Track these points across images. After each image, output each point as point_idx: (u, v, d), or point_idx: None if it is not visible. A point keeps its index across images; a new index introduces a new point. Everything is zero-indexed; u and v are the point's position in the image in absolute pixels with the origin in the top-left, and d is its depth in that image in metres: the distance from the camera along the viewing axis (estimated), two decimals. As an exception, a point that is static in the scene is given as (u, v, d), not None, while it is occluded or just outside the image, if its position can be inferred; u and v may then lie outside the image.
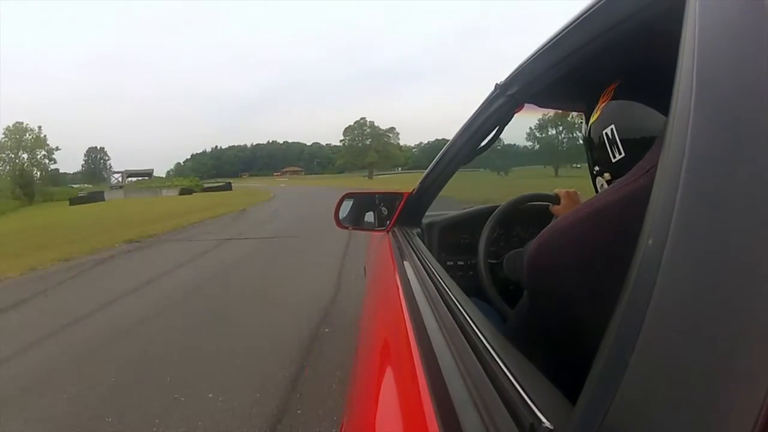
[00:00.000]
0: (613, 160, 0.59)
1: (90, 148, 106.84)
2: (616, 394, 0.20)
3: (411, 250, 0.99)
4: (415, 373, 0.45)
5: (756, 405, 0.15)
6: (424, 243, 1.16)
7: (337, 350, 2.41)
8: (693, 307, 0.19)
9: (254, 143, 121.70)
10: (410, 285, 0.73)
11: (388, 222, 1.36)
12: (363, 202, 1.48)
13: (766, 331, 0.16)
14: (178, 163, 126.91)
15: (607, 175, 0.61)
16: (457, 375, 0.39)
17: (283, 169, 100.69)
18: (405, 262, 0.90)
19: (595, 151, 0.63)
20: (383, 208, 1.41)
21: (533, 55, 0.71)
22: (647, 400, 0.18)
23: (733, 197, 0.20)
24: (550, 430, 0.26)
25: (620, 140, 0.57)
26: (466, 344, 0.44)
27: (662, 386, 0.18)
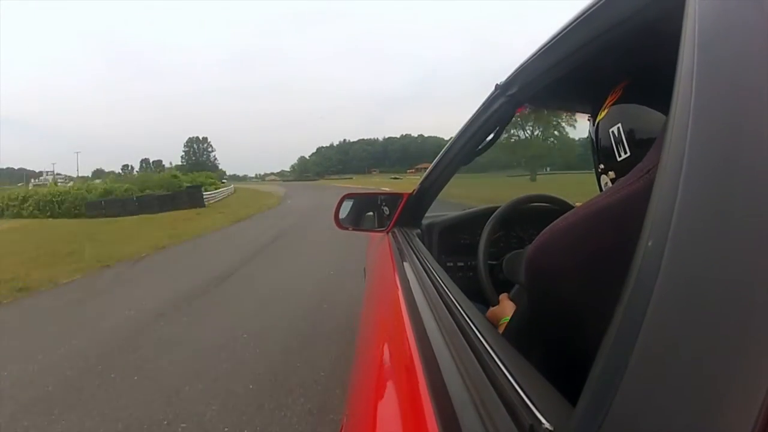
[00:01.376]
0: (619, 159, 0.59)
1: (190, 138, 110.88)
2: (616, 394, 0.19)
3: (411, 250, 0.99)
4: (415, 374, 0.45)
5: (756, 405, 0.15)
6: (424, 244, 1.16)
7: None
8: (693, 307, 0.19)
9: (386, 137, 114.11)
10: (410, 286, 0.73)
11: (388, 222, 1.36)
12: (363, 202, 1.48)
13: (765, 331, 0.16)
14: (303, 157, 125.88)
15: (611, 174, 0.61)
16: (456, 376, 0.39)
17: (417, 166, 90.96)
18: (405, 263, 0.90)
19: (600, 149, 0.63)
20: (383, 209, 1.41)
21: (533, 56, 0.71)
22: (647, 401, 0.18)
23: (733, 197, 0.20)
24: (550, 430, 0.26)
25: (626, 139, 0.57)
26: (466, 345, 0.44)
27: (662, 387, 0.18)
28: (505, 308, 0.89)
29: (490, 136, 1.01)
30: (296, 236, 7.93)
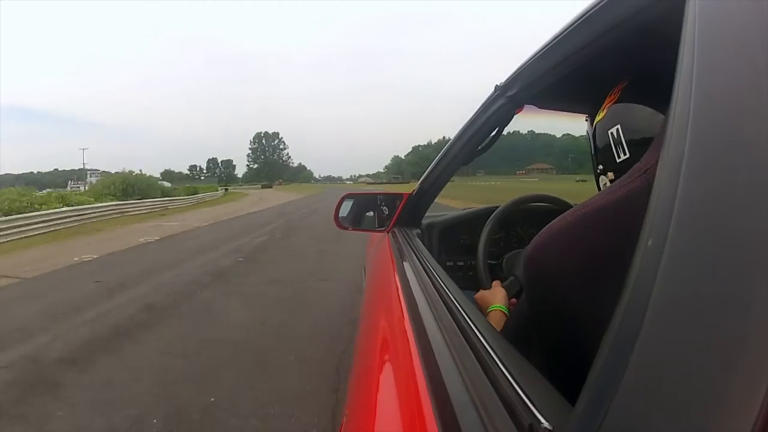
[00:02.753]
0: (618, 160, 0.59)
1: (258, 134, 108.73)
2: (616, 394, 0.19)
3: (411, 250, 0.99)
4: (415, 374, 0.45)
5: (756, 405, 0.15)
6: (424, 243, 1.16)
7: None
8: (692, 306, 0.19)
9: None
10: (410, 285, 0.73)
11: (388, 222, 1.36)
12: (363, 202, 1.48)
13: (765, 331, 0.16)
14: (397, 157, 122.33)
15: (610, 175, 0.61)
16: (456, 375, 0.39)
17: (531, 166, 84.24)
18: (405, 263, 0.90)
19: (599, 150, 0.63)
20: (383, 209, 1.41)
21: (533, 57, 0.71)
22: (647, 400, 0.18)
23: (732, 197, 0.20)
24: (549, 430, 0.26)
25: (625, 141, 0.57)
26: (466, 345, 0.44)
27: (662, 386, 0.18)
28: (496, 294, 0.88)
29: (490, 137, 1.01)
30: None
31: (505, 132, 1.00)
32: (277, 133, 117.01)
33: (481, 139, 1.02)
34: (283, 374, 2.29)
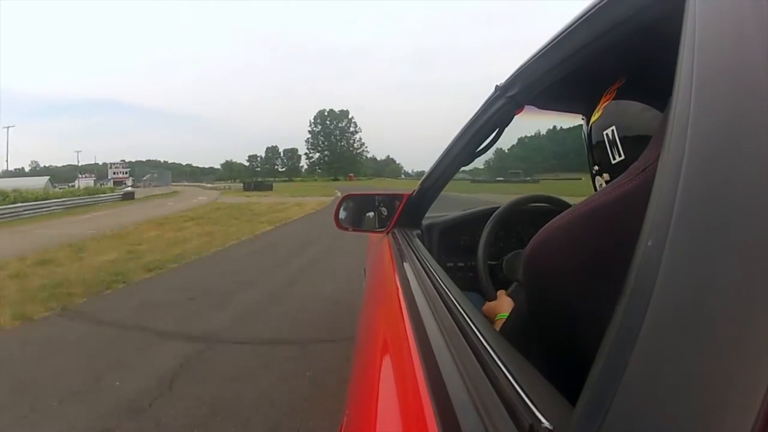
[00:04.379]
0: (613, 162, 0.59)
1: (321, 112, 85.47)
2: (616, 394, 0.19)
3: (411, 251, 0.99)
4: (415, 375, 0.45)
5: (756, 405, 0.15)
6: (424, 244, 1.16)
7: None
8: (692, 306, 0.19)
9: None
10: (410, 286, 0.73)
11: (388, 223, 1.36)
12: (363, 203, 1.48)
13: (765, 331, 0.16)
14: (500, 150, 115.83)
15: (606, 176, 0.61)
16: (456, 376, 0.39)
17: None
18: (405, 264, 0.90)
19: (595, 150, 0.63)
20: (383, 209, 1.41)
21: (534, 57, 0.71)
22: (647, 400, 0.18)
23: (732, 197, 0.20)
24: (550, 430, 0.26)
25: (620, 142, 0.57)
26: (466, 345, 0.44)
27: (662, 386, 0.18)
28: (503, 304, 0.89)
29: (490, 138, 1.01)
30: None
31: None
32: (346, 112, 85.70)
33: (481, 140, 1.02)
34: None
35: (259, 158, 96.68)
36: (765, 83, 0.21)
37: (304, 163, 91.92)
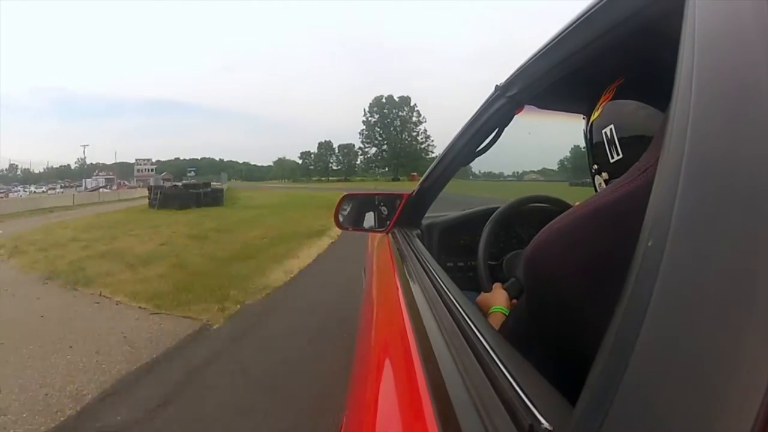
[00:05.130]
0: (611, 161, 0.59)
1: (377, 98, 71.04)
2: (616, 394, 0.19)
3: (411, 251, 0.99)
4: (415, 375, 0.45)
5: (756, 405, 0.15)
6: (423, 244, 1.16)
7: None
8: (693, 307, 0.19)
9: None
10: (410, 286, 0.73)
11: (387, 223, 1.36)
12: (363, 202, 1.48)
13: (765, 331, 0.16)
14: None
15: (605, 175, 0.61)
16: (456, 376, 0.39)
17: None
18: (404, 264, 0.90)
19: (594, 149, 0.63)
20: (383, 209, 1.41)
21: (533, 57, 0.71)
22: (647, 401, 0.18)
23: (733, 197, 0.20)
24: (550, 431, 0.26)
25: (619, 141, 0.57)
26: (466, 345, 0.44)
27: (662, 387, 0.18)
28: (497, 297, 0.89)
29: (490, 137, 1.01)
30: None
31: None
32: (407, 99, 69.68)
33: (481, 140, 1.02)
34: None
35: (312, 155, 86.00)
36: (765, 83, 0.21)
37: (360, 159, 78.29)
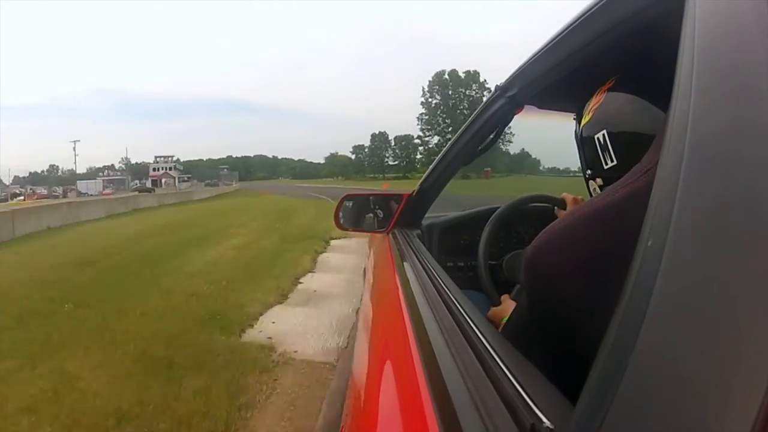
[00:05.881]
0: (605, 167, 0.58)
1: (438, 74, 59.82)
2: (616, 394, 0.19)
3: (411, 251, 0.99)
4: (415, 375, 0.45)
5: (755, 405, 0.15)
6: (424, 244, 1.16)
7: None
8: (693, 307, 0.19)
9: None
10: (410, 286, 0.73)
11: (388, 223, 1.36)
12: (363, 203, 1.48)
13: (765, 331, 0.16)
14: None
15: (599, 180, 0.61)
16: (457, 376, 0.39)
17: None
18: (405, 264, 0.90)
19: (587, 154, 0.62)
20: (383, 209, 1.41)
21: (533, 57, 0.71)
22: (647, 400, 0.18)
23: (732, 197, 0.20)
24: (551, 430, 0.26)
25: (612, 147, 0.57)
26: (466, 345, 0.44)
27: (662, 386, 0.18)
28: (507, 308, 0.89)
29: (490, 137, 1.02)
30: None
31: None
32: (475, 74, 58.15)
33: (482, 140, 1.02)
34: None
35: (366, 149, 75.75)
36: (765, 83, 0.21)
37: (421, 151, 64.04)
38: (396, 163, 73.22)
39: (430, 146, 58.51)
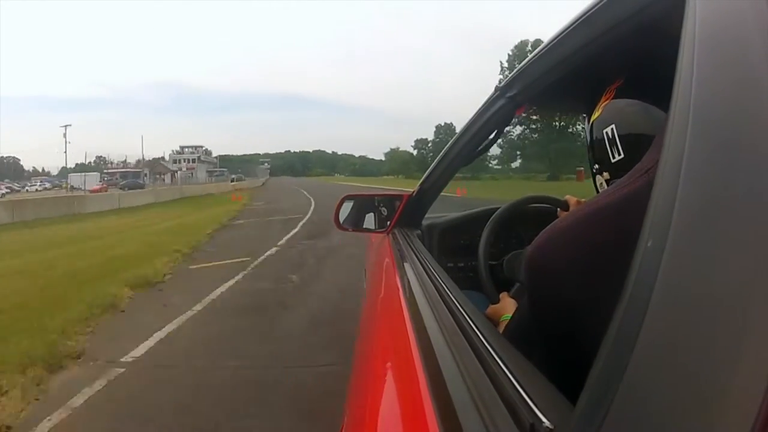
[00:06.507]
0: (613, 161, 0.59)
1: (522, 43, 46.19)
2: (616, 394, 0.19)
3: (411, 251, 0.99)
4: (416, 374, 0.45)
5: (755, 405, 0.15)
6: (424, 245, 1.16)
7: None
8: (692, 307, 0.19)
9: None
10: (410, 287, 0.73)
11: (388, 223, 1.36)
12: (363, 203, 1.48)
13: (765, 331, 0.16)
14: None
15: (606, 174, 0.61)
16: (457, 376, 0.39)
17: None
18: (405, 264, 0.90)
19: (595, 149, 0.63)
20: (383, 210, 1.41)
21: (533, 57, 0.71)
22: (647, 400, 0.18)
23: (732, 197, 0.20)
24: (551, 429, 0.26)
25: (620, 141, 0.57)
26: (466, 345, 0.44)
27: (662, 386, 0.18)
28: (506, 306, 0.89)
29: (490, 137, 1.02)
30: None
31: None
32: (451, 123, 59.66)
33: (482, 140, 1.02)
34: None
35: (429, 143, 68.53)
36: (765, 83, 0.21)
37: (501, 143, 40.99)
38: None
39: (512, 137, 47.04)
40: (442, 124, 67.25)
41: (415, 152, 73.94)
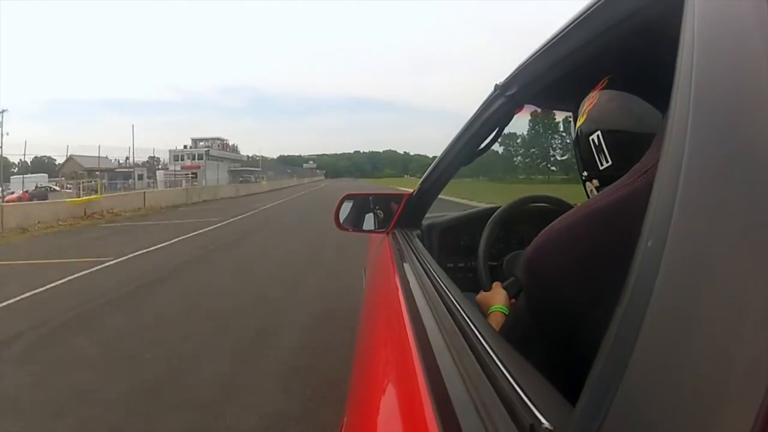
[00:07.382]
0: (601, 168, 0.58)
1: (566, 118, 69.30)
2: (615, 394, 0.19)
3: (411, 251, 0.99)
4: (415, 375, 0.45)
5: (755, 405, 0.15)
6: (424, 245, 1.16)
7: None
8: (692, 307, 0.19)
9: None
10: (410, 287, 0.73)
11: (388, 224, 1.36)
12: (363, 203, 1.48)
13: (765, 331, 0.16)
14: None
15: (595, 182, 0.61)
16: (456, 376, 0.39)
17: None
18: (405, 264, 0.90)
19: (583, 155, 0.62)
20: (383, 210, 1.41)
21: (533, 56, 0.71)
22: (647, 401, 0.18)
23: (732, 197, 0.20)
24: (550, 430, 0.26)
25: (607, 148, 0.56)
26: (466, 346, 0.44)
27: (662, 387, 0.18)
28: (496, 296, 0.88)
29: (490, 137, 1.01)
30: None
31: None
32: None
33: (482, 139, 1.02)
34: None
35: (518, 139, 62.76)
36: (765, 83, 0.21)
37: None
38: (564, 157, 53.57)
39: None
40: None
41: (500, 150, 69.50)
